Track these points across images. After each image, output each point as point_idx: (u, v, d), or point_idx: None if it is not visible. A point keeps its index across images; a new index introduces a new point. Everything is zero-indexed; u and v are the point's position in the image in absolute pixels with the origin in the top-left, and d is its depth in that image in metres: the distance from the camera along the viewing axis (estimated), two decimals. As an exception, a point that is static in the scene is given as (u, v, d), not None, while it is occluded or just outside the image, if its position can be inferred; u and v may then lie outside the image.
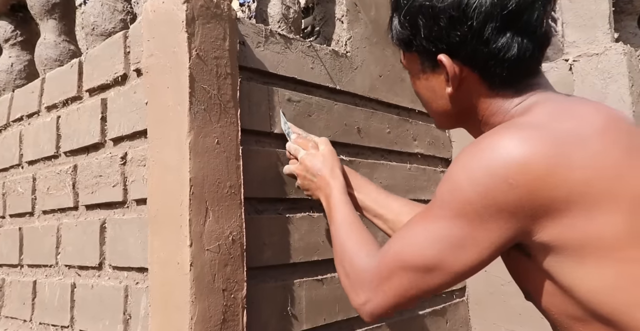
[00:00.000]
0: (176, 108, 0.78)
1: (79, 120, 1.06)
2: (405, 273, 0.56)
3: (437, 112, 0.65)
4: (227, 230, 0.78)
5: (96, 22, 1.05)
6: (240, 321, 0.78)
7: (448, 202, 0.52)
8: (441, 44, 0.56)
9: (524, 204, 0.47)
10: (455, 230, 0.51)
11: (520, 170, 0.46)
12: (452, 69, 0.56)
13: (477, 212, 0.49)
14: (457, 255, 0.52)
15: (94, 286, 0.97)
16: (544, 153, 0.46)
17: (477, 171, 0.49)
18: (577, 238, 0.46)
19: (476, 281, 1.38)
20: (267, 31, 0.97)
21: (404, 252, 0.56)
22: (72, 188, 1.06)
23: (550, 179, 0.46)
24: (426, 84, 0.63)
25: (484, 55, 0.54)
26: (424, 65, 0.61)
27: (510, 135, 0.49)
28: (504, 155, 0.47)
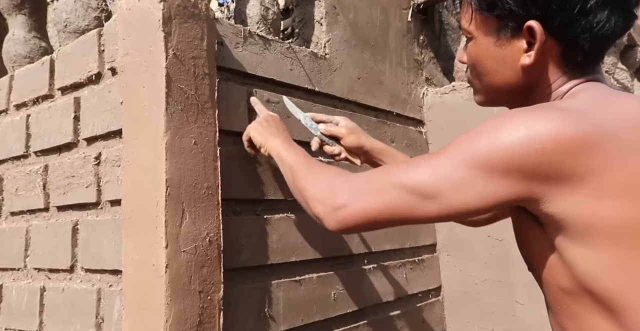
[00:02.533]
0: (152, 108, 0.77)
1: (51, 119, 1.03)
2: (400, 191, 0.54)
3: (497, 85, 0.61)
4: (204, 232, 0.78)
5: (69, 18, 1.03)
6: (216, 323, 0.77)
7: (468, 149, 0.51)
8: (535, 9, 0.53)
9: (542, 171, 0.47)
10: (465, 174, 0.50)
11: (548, 141, 0.47)
12: (542, 37, 0.53)
13: (494, 166, 0.49)
14: (458, 194, 0.51)
15: (64, 289, 0.95)
16: (575, 133, 0.47)
17: (506, 135, 0.48)
18: (584, 217, 0.47)
19: (451, 281, 1.41)
20: (245, 32, 0.97)
21: (406, 173, 0.54)
22: (42, 188, 1.03)
23: (574, 156, 0.47)
24: (496, 52, 0.58)
25: (580, 27, 0.52)
26: (500, 31, 0.57)
27: (550, 114, 0.49)
28: (540, 127, 0.47)
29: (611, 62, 1.66)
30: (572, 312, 0.53)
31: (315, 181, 0.65)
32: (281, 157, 0.77)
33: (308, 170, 0.69)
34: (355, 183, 0.59)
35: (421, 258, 1.38)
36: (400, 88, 1.43)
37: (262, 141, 0.82)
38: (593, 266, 0.49)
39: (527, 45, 0.56)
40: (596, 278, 0.49)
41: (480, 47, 0.60)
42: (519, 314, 1.28)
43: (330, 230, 0.60)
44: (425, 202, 0.53)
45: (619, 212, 0.47)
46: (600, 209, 0.47)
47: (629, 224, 0.47)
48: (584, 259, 0.49)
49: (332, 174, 0.64)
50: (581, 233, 0.48)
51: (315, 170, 0.68)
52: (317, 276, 1.03)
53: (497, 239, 1.29)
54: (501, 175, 0.49)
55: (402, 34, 1.48)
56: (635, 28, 1.88)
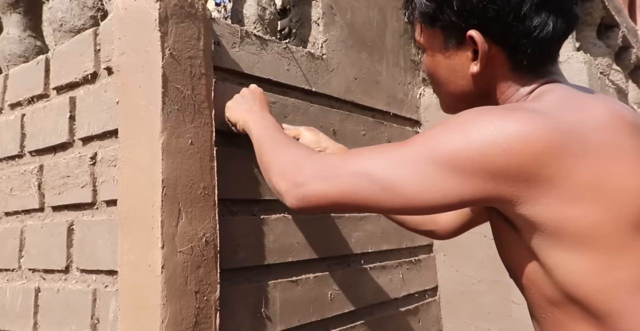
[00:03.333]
0: (148, 108, 0.76)
1: (46, 118, 1.03)
2: (362, 178, 0.52)
3: (453, 93, 0.62)
4: (201, 232, 0.78)
5: (64, 18, 1.02)
6: (213, 323, 0.77)
7: (436, 144, 0.50)
8: (473, 18, 0.54)
9: (510, 172, 0.47)
10: (430, 170, 0.49)
11: (517, 141, 0.46)
12: (483, 45, 0.54)
13: (460, 165, 0.48)
14: (421, 189, 0.50)
15: (60, 290, 0.94)
16: (543, 134, 0.46)
17: (475, 133, 0.48)
18: (555, 220, 0.47)
19: (448, 281, 1.42)
20: (242, 32, 0.97)
21: (371, 161, 0.53)
22: (37, 189, 1.03)
23: (542, 157, 0.46)
24: (447, 63, 0.59)
25: (519, 33, 0.53)
26: (447, 42, 0.58)
27: (518, 114, 0.48)
28: (509, 127, 0.47)
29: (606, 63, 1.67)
30: (556, 321, 0.51)
31: (280, 156, 0.62)
32: (250, 131, 0.74)
33: (275, 145, 0.66)
34: (320, 163, 0.57)
35: (418, 258, 1.38)
36: (397, 89, 1.43)
37: (236, 118, 0.81)
38: (571, 272, 0.48)
39: (473, 54, 0.57)
40: (575, 284, 0.48)
41: (433, 59, 0.62)
42: (515, 314, 1.28)
43: (289, 207, 0.58)
44: (386, 193, 0.51)
45: (589, 215, 0.46)
46: (570, 211, 0.46)
47: (600, 227, 0.46)
48: (561, 264, 0.48)
49: (299, 151, 0.62)
50: (554, 236, 0.47)
51: (282, 145, 0.65)
52: (313, 276, 1.03)
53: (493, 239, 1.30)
54: (467, 174, 0.48)
55: (399, 35, 1.48)
56: (629, 30, 1.89)
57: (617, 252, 0.46)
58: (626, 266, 0.46)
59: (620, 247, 0.46)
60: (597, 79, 1.28)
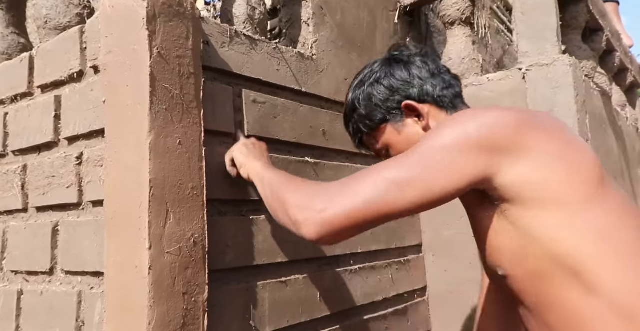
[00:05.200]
0: (136, 107, 0.75)
1: (30, 117, 1.01)
2: (379, 184, 0.56)
3: None
4: (189, 232, 0.77)
5: (49, 15, 1.00)
6: (201, 325, 0.76)
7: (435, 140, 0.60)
8: (400, 96, 0.77)
9: (496, 144, 0.58)
10: (439, 156, 0.58)
11: (499, 121, 0.60)
12: (421, 106, 0.75)
13: (458, 145, 0.59)
14: (436, 176, 0.58)
15: (43, 292, 0.92)
16: (515, 115, 0.61)
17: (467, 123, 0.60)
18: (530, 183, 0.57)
19: (437, 281, 1.43)
20: (232, 31, 0.96)
21: (382, 169, 0.59)
22: (21, 189, 1.01)
23: (518, 131, 0.59)
24: (405, 137, 0.77)
25: (435, 86, 0.77)
26: (396, 124, 0.77)
27: (489, 108, 0.65)
28: (489, 115, 0.61)
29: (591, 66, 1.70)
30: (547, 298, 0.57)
31: (296, 192, 0.64)
32: (262, 175, 0.77)
33: (290, 185, 0.68)
34: (334, 185, 0.60)
35: (407, 258, 1.39)
36: (386, 90, 1.43)
37: (243, 161, 0.84)
38: (547, 229, 0.56)
39: (417, 117, 0.76)
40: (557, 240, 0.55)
41: (394, 144, 0.78)
42: (502, 313, 1.30)
43: (312, 239, 0.57)
44: (405, 190, 0.56)
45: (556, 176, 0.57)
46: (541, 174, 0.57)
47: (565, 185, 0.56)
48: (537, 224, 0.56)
49: (315, 184, 0.65)
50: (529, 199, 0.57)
51: (297, 182, 0.69)
52: (303, 277, 1.03)
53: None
54: (468, 151, 0.58)
55: (389, 36, 1.49)
56: (612, 34, 1.93)
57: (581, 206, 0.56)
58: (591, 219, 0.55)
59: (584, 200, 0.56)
60: (582, 81, 1.30)
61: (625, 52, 2.21)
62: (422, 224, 1.46)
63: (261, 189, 0.77)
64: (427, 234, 1.45)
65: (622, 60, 2.09)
